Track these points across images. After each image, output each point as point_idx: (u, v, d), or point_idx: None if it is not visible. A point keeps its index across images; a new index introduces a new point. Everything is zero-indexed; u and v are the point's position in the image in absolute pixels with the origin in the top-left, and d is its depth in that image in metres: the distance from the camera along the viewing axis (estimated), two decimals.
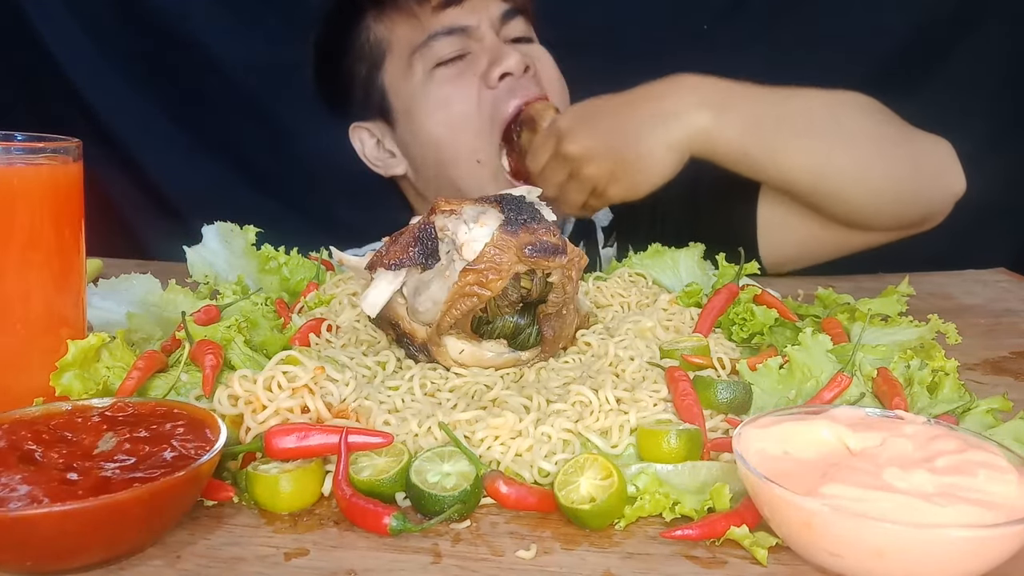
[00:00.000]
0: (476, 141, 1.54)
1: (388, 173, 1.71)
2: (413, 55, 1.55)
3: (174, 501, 0.67)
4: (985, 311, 1.40)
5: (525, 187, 1.00)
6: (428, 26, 1.54)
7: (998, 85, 2.35)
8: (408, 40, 1.57)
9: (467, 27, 1.54)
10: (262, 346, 1.04)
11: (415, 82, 1.56)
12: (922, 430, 0.72)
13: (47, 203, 0.88)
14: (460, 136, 1.55)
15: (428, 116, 1.56)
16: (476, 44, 1.55)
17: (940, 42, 2.33)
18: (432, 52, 1.53)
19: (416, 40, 1.55)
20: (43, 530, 0.61)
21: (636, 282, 1.27)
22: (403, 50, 1.57)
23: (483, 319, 0.95)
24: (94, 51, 2.46)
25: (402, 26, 1.57)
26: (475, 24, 1.54)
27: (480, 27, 1.55)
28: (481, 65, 1.54)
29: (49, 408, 0.77)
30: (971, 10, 2.33)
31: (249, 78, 2.44)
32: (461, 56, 1.54)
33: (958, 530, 0.60)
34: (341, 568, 0.66)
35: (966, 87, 2.29)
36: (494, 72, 1.52)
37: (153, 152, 2.56)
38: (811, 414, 0.76)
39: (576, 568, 0.66)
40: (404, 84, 1.58)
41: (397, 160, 1.68)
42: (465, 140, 1.55)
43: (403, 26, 1.57)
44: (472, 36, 1.55)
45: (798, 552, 0.67)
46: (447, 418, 0.83)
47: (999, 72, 2.34)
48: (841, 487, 0.64)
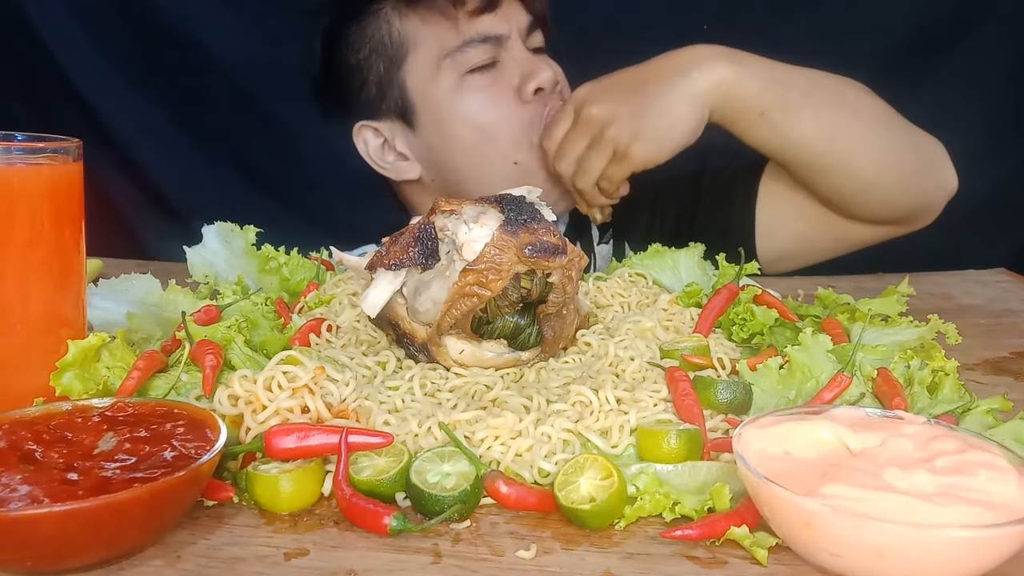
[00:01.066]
0: (511, 148, 1.53)
1: (400, 177, 1.66)
2: (444, 59, 1.51)
3: (174, 501, 0.67)
4: (985, 311, 1.40)
5: (525, 187, 1.00)
6: (463, 31, 1.50)
7: (998, 85, 2.35)
8: (439, 42, 1.52)
9: (500, 36, 1.51)
10: (262, 346, 1.04)
11: (444, 87, 1.52)
12: (922, 430, 0.72)
13: (47, 203, 0.88)
14: (495, 143, 1.53)
15: (462, 122, 1.53)
16: (506, 53, 1.53)
17: (940, 42, 2.33)
18: (466, 58, 1.50)
19: (448, 43, 1.51)
20: (43, 530, 0.61)
21: (636, 282, 1.27)
22: (431, 51, 1.53)
23: (483, 319, 0.95)
24: (94, 51, 2.45)
25: (433, 27, 1.52)
26: (507, 33, 1.52)
27: (511, 36, 1.53)
28: (512, 76, 1.52)
29: (49, 408, 0.77)
30: (971, 10, 2.32)
31: (249, 78, 2.44)
32: (492, 64, 1.52)
33: (958, 530, 0.60)
34: (341, 568, 0.66)
35: (966, 87, 2.29)
36: (529, 87, 1.50)
37: (153, 152, 2.56)
38: (811, 414, 0.76)
39: (576, 568, 0.66)
40: (431, 86, 1.53)
41: (410, 164, 1.63)
42: (500, 147, 1.53)
43: (434, 27, 1.52)
44: (503, 45, 1.52)
45: (798, 552, 0.67)
46: (447, 418, 0.83)
47: (1000, 71, 2.34)
48: (841, 487, 0.64)
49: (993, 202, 2.27)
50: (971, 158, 1.54)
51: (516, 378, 0.97)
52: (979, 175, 1.94)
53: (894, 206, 1.51)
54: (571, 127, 1.41)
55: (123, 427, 0.74)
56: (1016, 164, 2.36)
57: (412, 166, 1.63)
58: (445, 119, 1.54)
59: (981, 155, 2.27)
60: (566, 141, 1.42)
